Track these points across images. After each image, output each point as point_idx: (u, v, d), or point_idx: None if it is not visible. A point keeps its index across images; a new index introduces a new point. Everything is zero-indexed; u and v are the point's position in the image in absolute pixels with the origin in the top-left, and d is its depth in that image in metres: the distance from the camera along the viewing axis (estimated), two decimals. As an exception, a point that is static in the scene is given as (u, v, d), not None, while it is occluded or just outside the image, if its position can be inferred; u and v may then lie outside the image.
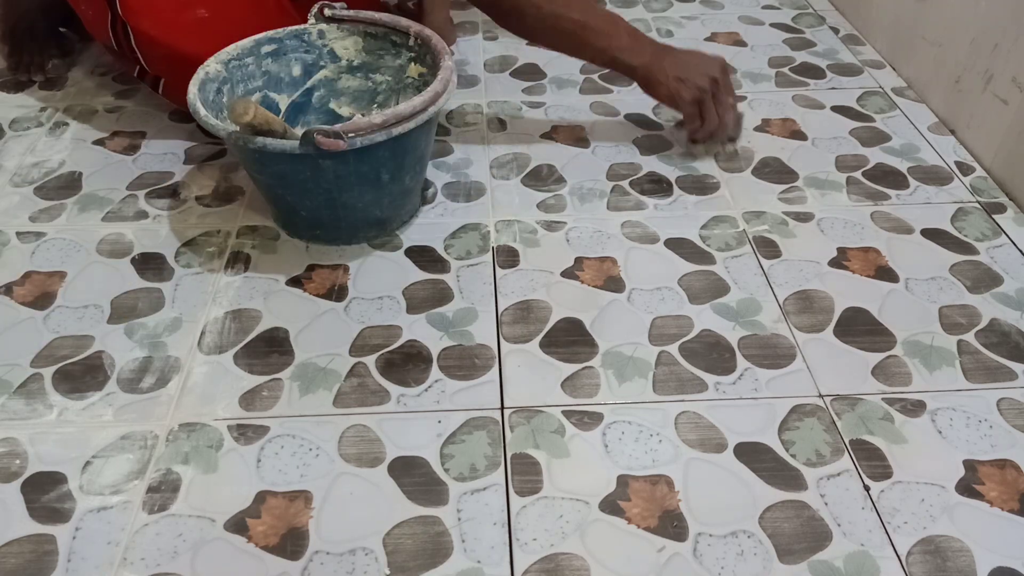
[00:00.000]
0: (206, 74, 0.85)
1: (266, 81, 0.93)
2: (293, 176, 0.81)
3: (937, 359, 0.75)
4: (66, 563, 0.60)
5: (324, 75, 0.97)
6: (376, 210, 0.86)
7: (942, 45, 1.10)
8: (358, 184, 0.82)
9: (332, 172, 0.80)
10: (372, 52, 0.97)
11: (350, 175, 0.81)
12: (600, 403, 0.71)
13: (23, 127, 1.08)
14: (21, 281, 0.84)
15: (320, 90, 0.98)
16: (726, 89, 0.97)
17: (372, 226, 0.88)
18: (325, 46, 0.96)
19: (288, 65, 0.95)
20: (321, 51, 0.96)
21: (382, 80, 0.97)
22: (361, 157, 0.79)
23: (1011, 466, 0.66)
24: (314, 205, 0.84)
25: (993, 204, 0.94)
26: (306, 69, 0.96)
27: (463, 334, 0.78)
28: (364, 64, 0.97)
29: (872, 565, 0.59)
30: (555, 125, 1.09)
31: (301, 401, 0.72)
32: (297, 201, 0.85)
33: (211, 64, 0.87)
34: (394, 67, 0.96)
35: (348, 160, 0.79)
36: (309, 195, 0.83)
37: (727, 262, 0.86)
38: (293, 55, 0.95)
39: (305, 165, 0.79)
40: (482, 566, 0.60)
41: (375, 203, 0.85)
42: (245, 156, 0.83)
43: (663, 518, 0.63)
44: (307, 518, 0.63)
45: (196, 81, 0.84)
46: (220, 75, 0.87)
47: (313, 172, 0.80)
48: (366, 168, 0.81)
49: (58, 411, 0.71)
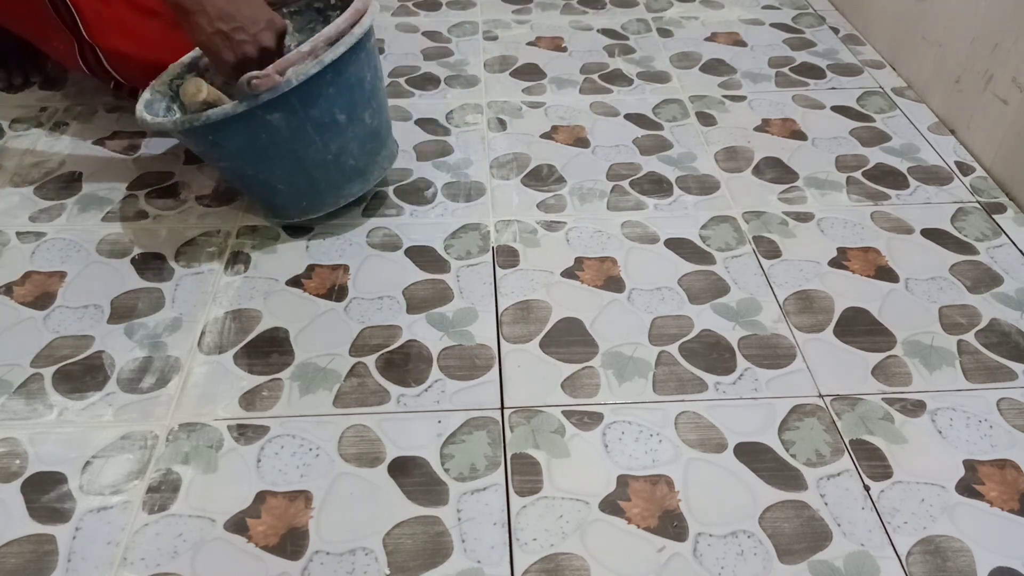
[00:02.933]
0: (151, 94, 0.85)
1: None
2: (251, 146, 0.80)
3: (937, 359, 0.75)
4: (66, 563, 0.60)
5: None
6: (348, 159, 0.85)
7: (942, 45, 1.10)
8: (316, 133, 0.80)
9: (286, 126, 0.78)
10: (303, 29, 0.95)
11: (305, 124, 0.79)
12: (600, 403, 0.71)
13: (23, 127, 1.08)
14: (21, 281, 0.84)
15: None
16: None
17: (353, 180, 0.87)
18: None
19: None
20: None
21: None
22: (306, 99, 0.78)
23: (1011, 466, 0.66)
24: (285, 173, 0.83)
25: (993, 204, 0.94)
26: None
27: (463, 334, 0.78)
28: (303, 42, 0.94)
29: (872, 565, 0.59)
30: (555, 125, 1.09)
31: (301, 401, 0.72)
32: (268, 174, 0.83)
33: (155, 84, 0.87)
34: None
35: (295, 108, 0.77)
36: (276, 162, 0.82)
37: (727, 262, 0.86)
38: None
39: (257, 127, 0.78)
40: (482, 566, 0.60)
41: (344, 150, 0.84)
42: (200, 145, 0.82)
43: (663, 518, 0.63)
44: (307, 518, 0.63)
45: (142, 102, 0.83)
46: (165, 94, 0.87)
47: (269, 133, 0.78)
48: (316, 112, 0.79)
49: (58, 411, 0.71)
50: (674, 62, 1.23)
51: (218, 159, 0.84)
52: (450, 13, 1.39)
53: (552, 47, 1.27)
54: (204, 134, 0.79)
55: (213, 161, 0.86)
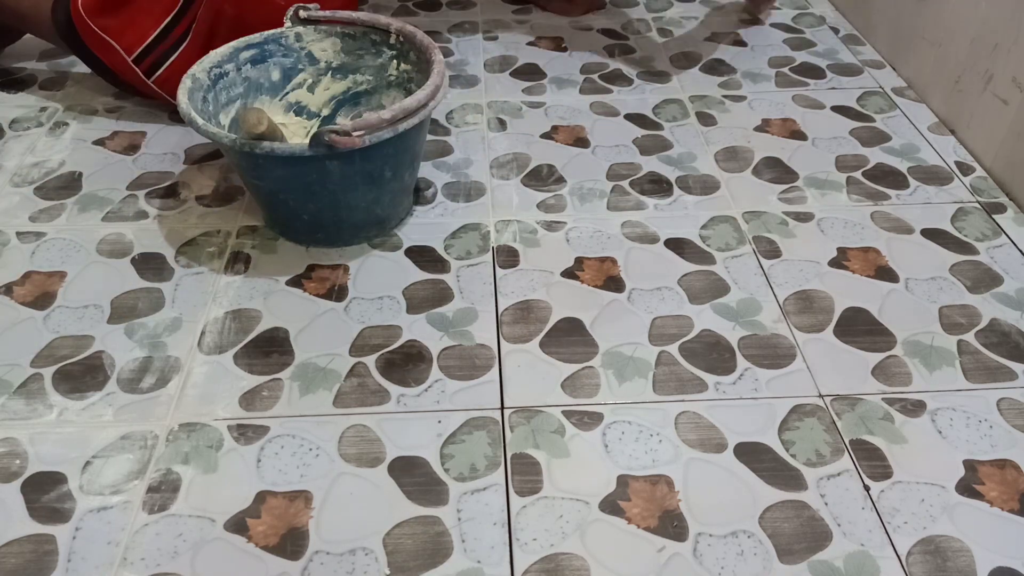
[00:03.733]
0: (193, 82, 0.85)
1: (247, 87, 0.92)
2: (298, 180, 0.81)
3: (937, 359, 0.75)
4: (66, 563, 0.60)
5: (303, 78, 0.96)
6: (377, 208, 0.87)
7: (942, 45, 1.10)
8: (362, 183, 0.83)
9: (338, 172, 0.80)
10: (351, 52, 0.96)
11: (355, 174, 0.81)
12: (600, 403, 0.71)
13: (23, 127, 1.08)
14: (21, 281, 0.84)
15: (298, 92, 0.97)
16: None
17: (372, 226, 0.88)
18: (303, 49, 0.95)
19: (268, 70, 0.94)
20: (299, 54, 0.95)
21: (363, 80, 0.97)
22: (367, 155, 0.80)
23: (1011, 466, 0.66)
24: (317, 208, 0.84)
25: (993, 204, 0.94)
26: (285, 73, 0.95)
27: (463, 334, 0.78)
28: (344, 65, 0.97)
29: (872, 565, 0.59)
30: (555, 125, 1.09)
31: (301, 401, 0.72)
32: (300, 205, 0.84)
33: (195, 72, 0.86)
34: (375, 66, 0.96)
35: (354, 159, 0.79)
36: (314, 198, 0.83)
37: (727, 262, 0.86)
38: (272, 60, 0.94)
39: (311, 167, 0.79)
40: (482, 566, 0.60)
41: (376, 201, 0.86)
42: (246, 163, 0.82)
43: (663, 518, 0.63)
44: (307, 518, 0.63)
45: (184, 91, 0.83)
46: (204, 83, 0.87)
47: (319, 174, 0.80)
48: (371, 166, 0.81)
49: (58, 411, 0.71)
50: (674, 62, 1.23)
51: (256, 179, 0.84)
52: (450, 13, 1.39)
53: (552, 47, 1.27)
54: (255, 158, 0.79)
55: (245, 176, 0.86)
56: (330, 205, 0.84)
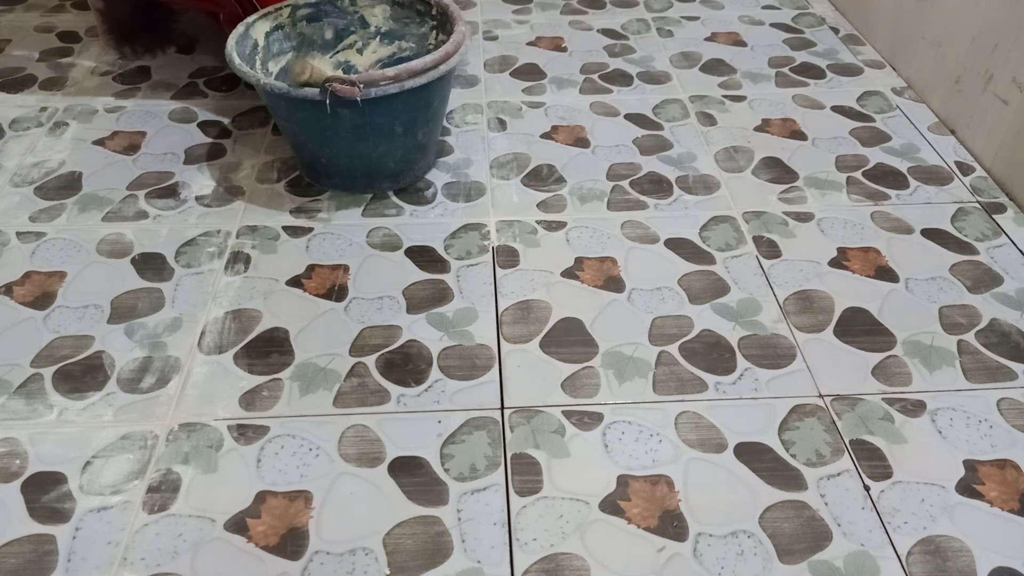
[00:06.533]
0: (245, 29, 0.93)
1: (300, 41, 1.00)
2: (315, 123, 0.88)
3: (937, 359, 0.75)
4: (66, 563, 0.60)
5: (353, 40, 1.04)
6: (390, 162, 0.93)
7: (942, 45, 1.10)
8: (373, 135, 0.89)
9: (349, 121, 0.87)
10: (399, 20, 1.03)
11: (366, 125, 0.88)
12: (600, 403, 0.71)
13: (23, 127, 1.08)
14: (21, 281, 0.84)
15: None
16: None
17: (386, 177, 0.95)
18: (356, 12, 1.03)
19: (322, 29, 1.02)
20: (352, 17, 1.03)
21: (407, 47, 1.04)
22: (376, 108, 0.86)
23: (1011, 466, 0.66)
24: (333, 152, 0.91)
25: (993, 204, 0.94)
26: (337, 33, 1.03)
27: (463, 334, 0.78)
28: (391, 31, 1.04)
29: (872, 565, 0.59)
30: (555, 125, 1.09)
31: (301, 401, 0.72)
32: (318, 148, 0.93)
33: (250, 20, 0.95)
34: (418, 35, 1.03)
35: (364, 111, 0.86)
36: (329, 143, 0.91)
37: (727, 262, 0.86)
38: (326, 20, 1.02)
39: (325, 113, 0.85)
40: (482, 566, 0.60)
41: (388, 155, 0.92)
42: (274, 103, 0.91)
43: (663, 518, 0.63)
44: (307, 518, 0.63)
45: (235, 35, 0.92)
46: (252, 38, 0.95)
47: (332, 121, 0.87)
48: (381, 120, 0.88)
49: (58, 411, 0.71)
50: (674, 62, 1.23)
51: (283, 118, 0.93)
52: (450, 13, 1.39)
53: (552, 47, 1.27)
54: (280, 97, 0.87)
55: (278, 117, 0.95)
56: (344, 152, 0.91)
